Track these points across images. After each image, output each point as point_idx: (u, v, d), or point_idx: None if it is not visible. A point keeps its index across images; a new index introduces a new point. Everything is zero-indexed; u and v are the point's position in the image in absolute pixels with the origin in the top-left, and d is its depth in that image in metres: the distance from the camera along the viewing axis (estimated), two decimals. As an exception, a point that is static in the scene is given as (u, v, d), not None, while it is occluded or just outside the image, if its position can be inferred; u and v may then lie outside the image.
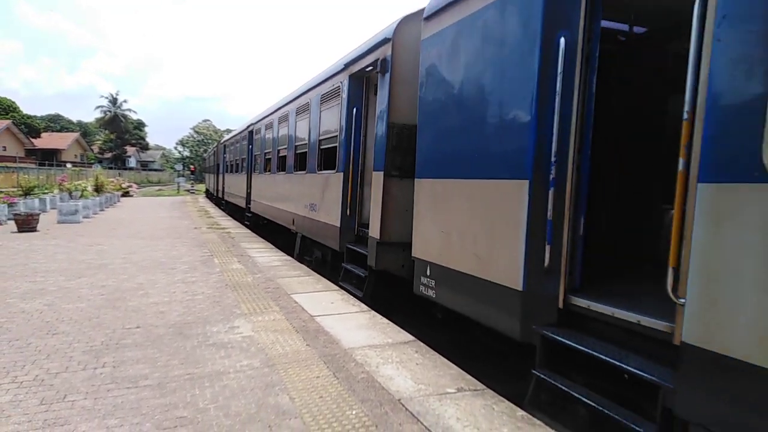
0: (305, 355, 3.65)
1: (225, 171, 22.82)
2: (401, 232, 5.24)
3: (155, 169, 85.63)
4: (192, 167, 61.62)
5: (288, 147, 10.01)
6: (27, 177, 20.92)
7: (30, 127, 61.21)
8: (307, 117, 8.60)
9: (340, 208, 6.66)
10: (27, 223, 11.12)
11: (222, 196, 23.75)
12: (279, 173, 10.89)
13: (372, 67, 5.90)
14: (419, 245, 4.59)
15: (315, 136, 8.07)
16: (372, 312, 4.90)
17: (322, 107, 7.80)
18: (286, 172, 10.11)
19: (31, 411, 2.71)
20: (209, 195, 33.20)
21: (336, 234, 6.81)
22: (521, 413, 2.78)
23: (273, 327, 4.34)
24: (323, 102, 7.73)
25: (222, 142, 26.54)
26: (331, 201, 7.07)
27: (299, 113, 9.26)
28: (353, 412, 2.77)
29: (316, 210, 7.91)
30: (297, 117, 9.41)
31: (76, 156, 64.28)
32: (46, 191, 18.77)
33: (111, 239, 10.17)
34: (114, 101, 73.19)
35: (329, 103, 7.45)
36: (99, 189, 19.45)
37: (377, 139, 5.73)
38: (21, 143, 55.98)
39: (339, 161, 6.82)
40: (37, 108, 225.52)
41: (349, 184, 6.48)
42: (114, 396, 2.91)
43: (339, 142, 6.86)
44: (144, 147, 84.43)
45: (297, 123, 9.41)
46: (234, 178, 19.39)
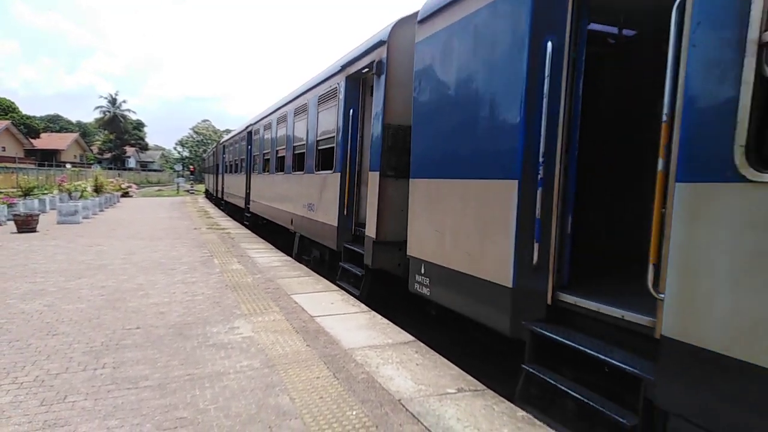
0: (305, 356, 3.65)
1: (224, 171, 22.89)
2: (397, 231, 5.32)
3: (155, 170, 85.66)
4: (191, 167, 61.68)
5: (286, 147, 10.09)
6: (26, 177, 20.92)
7: (29, 128, 61.30)
8: (305, 118, 8.69)
9: (337, 208, 6.74)
10: (26, 224, 11.11)
11: (221, 196, 23.80)
12: (278, 173, 10.97)
13: (368, 69, 5.98)
14: (414, 244, 4.68)
15: (313, 136, 8.16)
16: (372, 312, 4.91)
17: (319, 108, 7.88)
18: (284, 172, 10.18)
19: (32, 412, 2.72)
20: (209, 195, 33.25)
21: (333, 233, 6.89)
22: (522, 413, 2.80)
23: (273, 327, 4.33)
24: (321, 103, 7.81)
25: (221, 142, 26.59)
26: (329, 201, 7.15)
27: (297, 114, 9.34)
28: (353, 412, 2.78)
29: (314, 210, 7.99)
30: (295, 118, 9.49)
31: (75, 156, 64.33)
32: (45, 192, 18.76)
33: (111, 240, 10.18)
34: (113, 101, 73.31)
35: (326, 104, 7.52)
36: (98, 189, 19.48)
37: (373, 140, 5.81)
38: (20, 144, 56.07)
39: (336, 162, 6.90)
40: (37, 108, 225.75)
41: (346, 184, 6.56)
42: (114, 397, 2.92)
43: (336, 142, 6.95)
44: (143, 147, 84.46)
45: (295, 124, 9.49)
46: (233, 178, 19.46)
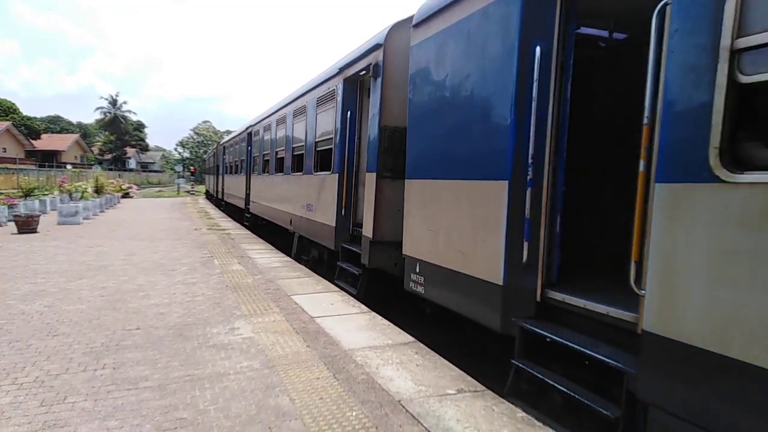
0: (305, 357, 3.65)
1: (224, 172, 23.00)
2: (393, 231, 5.40)
3: (155, 171, 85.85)
4: (192, 168, 61.80)
5: (285, 149, 10.19)
6: (27, 178, 20.88)
7: (30, 129, 61.43)
8: (304, 119, 8.78)
9: (335, 208, 6.84)
10: (27, 225, 11.12)
11: (222, 197, 23.91)
12: (277, 174, 11.07)
13: (365, 72, 6.08)
14: (409, 243, 4.77)
15: (311, 138, 8.25)
16: (372, 313, 4.92)
17: (318, 110, 7.98)
18: (283, 173, 10.28)
19: (31, 413, 2.71)
20: (209, 196, 33.35)
21: (331, 233, 6.98)
22: (521, 414, 2.81)
23: (273, 328, 4.34)
24: (319, 105, 7.91)
25: (221, 143, 26.71)
26: (327, 201, 7.24)
27: (296, 115, 9.44)
28: (353, 413, 2.79)
29: (312, 210, 8.09)
30: (294, 119, 9.59)
31: (76, 157, 64.47)
32: (46, 193, 18.77)
33: (111, 241, 10.22)
34: (114, 102, 73.51)
35: (325, 106, 7.62)
36: (99, 190, 19.56)
37: (370, 141, 5.90)
38: (21, 145, 56.19)
39: (334, 163, 6.99)
40: (37, 109, 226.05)
41: (344, 184, 6.65)
42: (114, 397, 2.91)
43: (334, 144, 7.04)
44: (144, 148, 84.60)
45: (294, 125, 9.59)
46: (233, 179, 19.57)
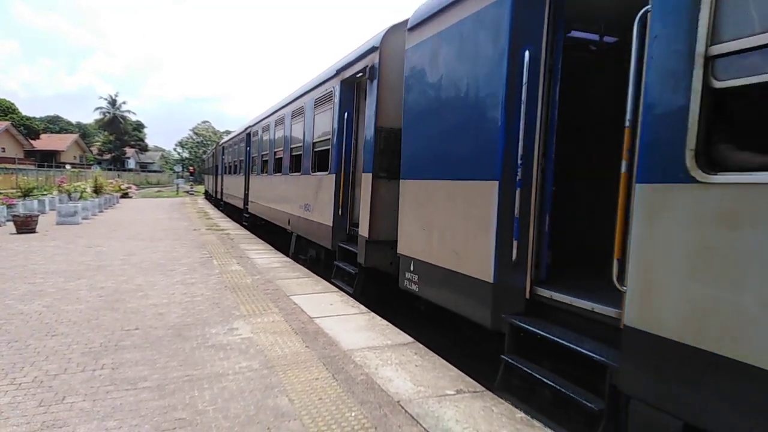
0: (304, 357, 3.66)
1: (223, 172, 23.08)
2: (389, 230, 5.48)
3: (154, 171, 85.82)
4: (191, 169, 61.85)
5: (284, 149, 10.28)
6: (26, 178, 20.92)
7: (29, 129, 61.44)
8: (302, 120, 8.87)
9: (332, 208, 6.92)
10: (26, 225, 11.12)
11: (220, 197, 23.98)
12: (275, 175, 11.16)
13: (362, 74, 6.17)
14: (404, 242, 4.86)
15: (309, 138, 8.34)
16: (371, 314, 4.95)
17: (315, 111, 8.07)
18: (282, 173, 10.37)
19: (30, 413, 2.71)
20: (208, 196, 33.42)
21: (329, 233, 7.07)
22: (520, 415, 2.83)
23: (272, 329, 4.34)
24: (317, 106, 8.00)
25: (220, 143, 26.79)
26: (324, 201, 7.33)
27: (294, 116, 9.53)
28: (352, 413, 2.79)
29: (310, 210, 8.17)
30: (292, 120, 9.68)
31: (75, 157, 64.46)
32: (45, 193, 18.79)
33: (110, 241, 10.24)
34: (113, 102, 73.55)
35: (322, 107, 7.71)
36: (98, 190, 19.59)
37: (366, 142, 5.99)
38: (20, 144, 56.21)
39: (331, 163, 7.08)
40: (36, 109, 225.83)
41: (341, 185, 6.74)
42: (113, 398, 2.91)
43: (331, 144, 7.13)
44: (143, 148, 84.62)
45: (292, 126, 9.68)
46: (232, 179, 19.65)
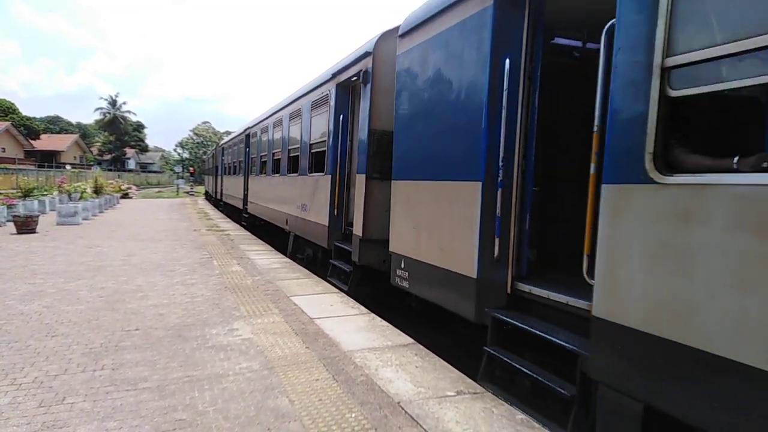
0: (304, 358, 3.66)
1: (223, 173, 23.27)
2: (382, 229, 5.66)
3: (154, 171, 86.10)
4: (191, 169, 62.05)
5: (282, 150, 10.48)
6: (26, 179, 21.02)
7: (29, 129, 61.66)
8: (299, 122, 9.07)
9: (328, 208, 7.12)
10: (26, 225, 11.17)
11: (220, 197, 24.17)
12: (274, 176, 11.35)
13: (356, 78, 6.37)
14: (395, 241, 5.05)
15: (306, 140, 8.54)
16: (371, 315, 4.98)
17: (312, 113, 8.27)
18: (280, 174, 10.56)
19: (30, 413, 2.71)
20: (208, 197, 33.61)
21: (325, 233, 7.26)
22: (521, 416, 2.84)
23: (272, 329, 4.35)
24: (314, 108, 8.19)
25: (220, 144, 26.99)
26: (321, 202, 7.52)
27: (292, 118, 9.72)
28: (352, 414, 2.79)
29: (307, 210, 8.37)
30: (290, 122, 9.88)
31: (75, 158, 64.67)
32: (45, 193, 18.89)
33: (110, 241, 10.32)
34: (113, 103, 73.74)
35: (319, 110, 7.91)
36: (98, 191, 19.74)
37: (360, 144, 6.18)
38: (20, 145, 56.41)
39: (327, 164, 7.27)
40: (37, 109, 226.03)
41: (337, 185, 6.93)
42: (113, 398, 2.92)
43: (327, 146, 7.33)
44: (143, 149, 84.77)
45: (290, 127, 9.87)
46: (232, 180, 19.84)
